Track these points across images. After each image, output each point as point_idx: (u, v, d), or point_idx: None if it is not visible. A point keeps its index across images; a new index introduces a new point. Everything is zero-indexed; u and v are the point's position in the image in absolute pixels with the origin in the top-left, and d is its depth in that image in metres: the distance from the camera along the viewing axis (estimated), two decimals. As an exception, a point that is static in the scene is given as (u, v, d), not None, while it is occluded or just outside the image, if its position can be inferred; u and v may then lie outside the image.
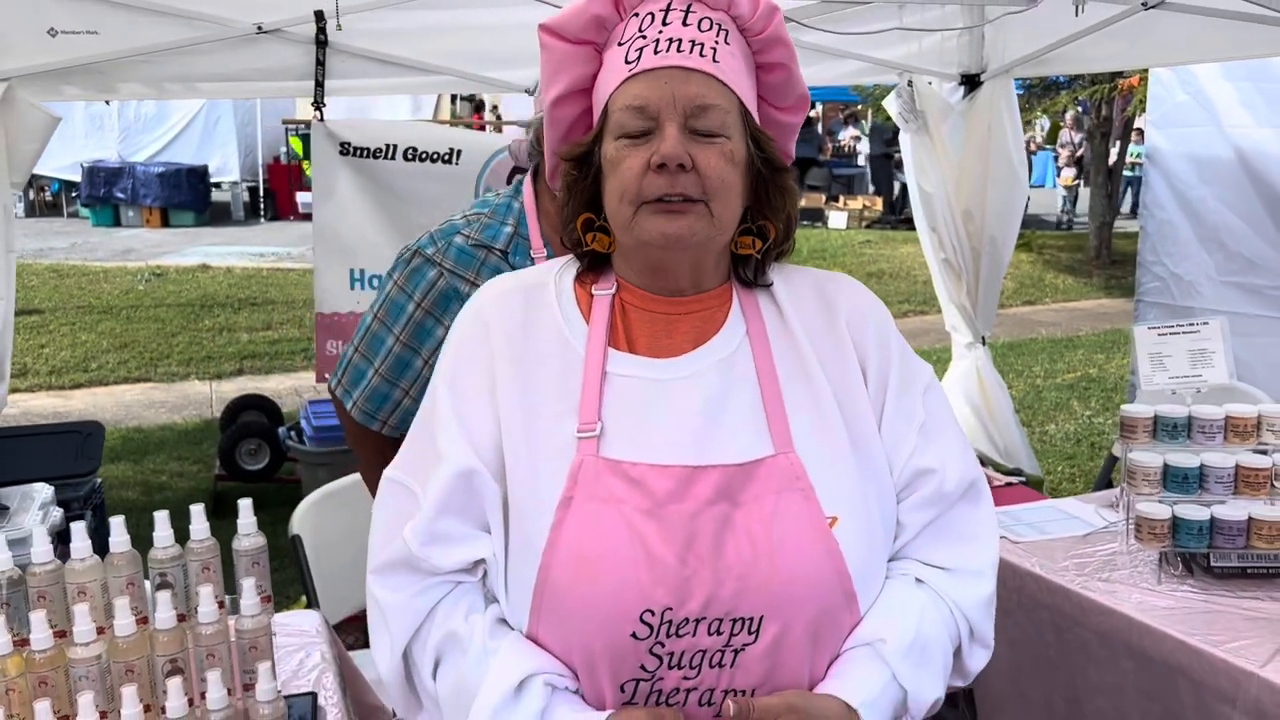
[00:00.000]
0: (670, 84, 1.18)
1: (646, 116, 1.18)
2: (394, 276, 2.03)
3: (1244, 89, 4.74)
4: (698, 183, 1.18)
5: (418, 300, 1.98)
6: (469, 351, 1.28)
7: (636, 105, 1.19)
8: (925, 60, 4.62)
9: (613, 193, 1.22)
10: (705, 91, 1.18)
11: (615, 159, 1.20)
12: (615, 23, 1.25)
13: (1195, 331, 2.58)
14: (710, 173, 1.18)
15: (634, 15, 1.24)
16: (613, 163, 1.21)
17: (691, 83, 1.18)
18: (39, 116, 3.45)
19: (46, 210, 16.41)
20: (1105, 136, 13.43)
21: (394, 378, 2.03)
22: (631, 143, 1.19)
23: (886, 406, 1.27)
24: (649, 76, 1.19)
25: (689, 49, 1.19)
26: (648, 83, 1.19)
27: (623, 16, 1.25)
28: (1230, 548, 2.17)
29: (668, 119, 1.18)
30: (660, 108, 1.18)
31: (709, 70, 1.19)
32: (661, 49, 1.19)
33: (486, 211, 2.03)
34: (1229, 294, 4.84)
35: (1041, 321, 10.19)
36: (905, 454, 1.26)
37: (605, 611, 1.13)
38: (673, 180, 1.17)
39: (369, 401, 2.06)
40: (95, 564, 1.48)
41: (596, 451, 1.18)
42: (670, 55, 1.19)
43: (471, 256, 1.97)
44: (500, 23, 3.98)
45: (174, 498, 5.18)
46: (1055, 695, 2.26)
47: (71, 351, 8.44)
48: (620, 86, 1.21)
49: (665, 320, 1.27)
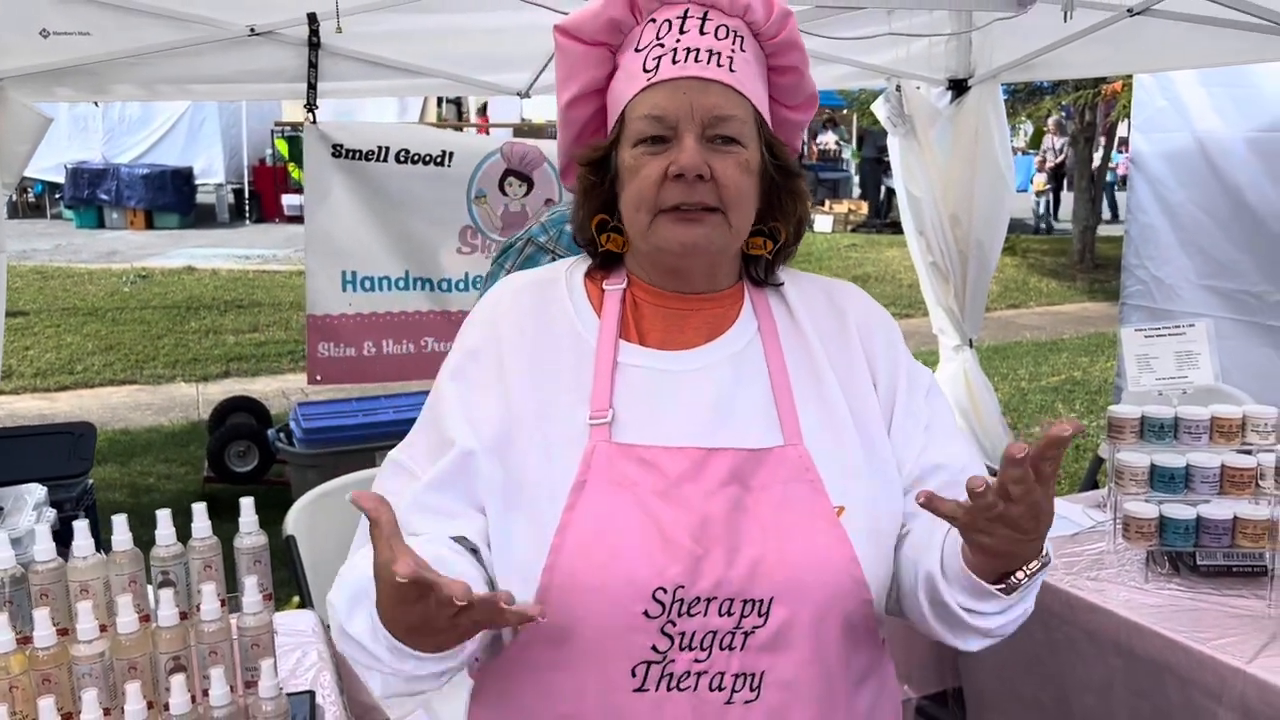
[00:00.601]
0: (689, 94, 1.20)
1: (665, 126, 1.20)
2: (505, 265, 2.01)
3: (1215, 94, 4.80)
4: (715, 192, 1.20)
5: None
6: (478, 346, 1.29)
7: (655, 115, 1.20)
8: (913, 65, 4.65)
9: (630, 200, 1.23)
10: (723, 102, 1.20)
11: (633, 166, 1.22)
12: (631, 26, 1.26)
13: (1181, 334, 2.62)
14: (728, 182, 1.20)
15: (651, 21, 1.25)
16: (630, 170, 1.23)
17: (710, 93, 1.20)
18: (31, 117, 3.45)
19: (30, 212, 16.32)
20: (1089, 141, 13.54)
21: None
22: (649, 151, 1.21)
23: (896, 410, 1.29)
24: (667, 86, 1.21)
25: (707, 59, 1.21)
26: (666, 93, 1.20)
27: (639, 20, 1.26)
28: (1216, 546, 2.20)
29: (686, 129, 1.19)
30: (679, 118, 1.19)
31: (727, 81, 1.21)
32: (680, 59, 1.21)
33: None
34: (1206, 297, 4.91)
35: (1026, 325, 10.26)
36: (915, 452, 1.28)
37: (618, 588, 1.14)
38: (690, 190, 1.19)
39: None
40: (98, 562, 1.49)
41: (608, 437, 1.20)
42: (689, 65, 1.20)
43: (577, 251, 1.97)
44: (492, 26, 4.00)
45: (162, 500, 5.16)
46: (1044, 693, 2.28)
47: (57, 354, 8.40)
48: (638, 95, 1.22)
49: (677, 315, 1.29)
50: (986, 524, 1.06)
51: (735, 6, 1.24)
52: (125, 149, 15.60)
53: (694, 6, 1.24)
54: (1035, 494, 1.04)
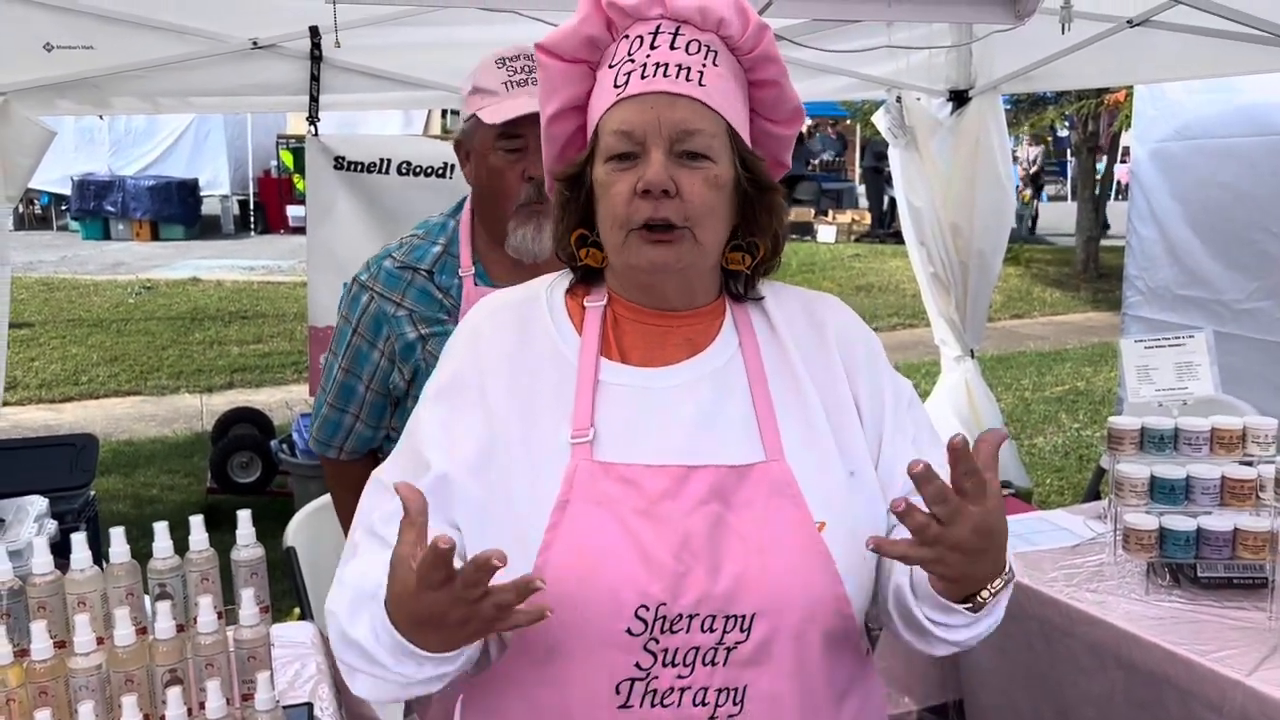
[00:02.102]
0: (656, 109, 1.20)
1: (633, 141, 1.20)
2: (340, 308, 2.10)
3: (1199, 102, 4.84)
4: (681, 209, 1.20)
5: (354, 327, 2.04)
6: (459, 368, 1.30)
7: (624, 130, 1.21)
8: (914, 76, 4.67)
9: (604, 217, 1.24)
10: (691, 116, 1.20)
11: (605, 183, 1.23)
12: (607, 43, 1.27)
13: (1181, 345, 2.62)
14: (694, 199, 1.20)
15: (625, 37, 1.25)
16: (602, 186, 1.23)
17: (677, 108, 1.20)
18: (34, 131, 3.47)
19: (36, 223, 16.38)
20: (1092, 152, 13.54)
21: (342, 405, 2.09)
22: (619, 167, 1.21)
23: (886, 427, 1.29)
24: (635, 102, 1.21)
25: (675, 73, 1.21)
26: (634, 108, 1.20)
27: (614, 37, 1.26)
28: (1217, 558, 2.20)
29: (653, 144, 1.20)
30: (646, 133, 1.20)
31: (695, 95, 1.20)
32: (649, 74, 1.21)
33: (420, 232, 2.09)
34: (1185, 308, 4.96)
35: (1029, 335, 10.25)
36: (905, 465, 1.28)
37: (601, 607, 1.14)
38: (657, 206, 1.19)
39: (322, 430, 2.13)
40: (95, 574, 1.49)
41: (590, 456, 1.20)
42: (657, 80, 1.20)
43: (397, 278, 2.01)
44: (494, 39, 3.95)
45: (165, 511, 5.14)
46: (1044, 705, 2.28)
47: (62, 365, 8.43)
48: (608, 111, 1.23)
49: (658, 332, 1.29)
50: (935, 553, 1.08)
51: (709, 21, 1.24)
52: (131, 161, 15.67)
53: (666, 22, 1.24)
54: (968, 514, 1.06)
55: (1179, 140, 4.96)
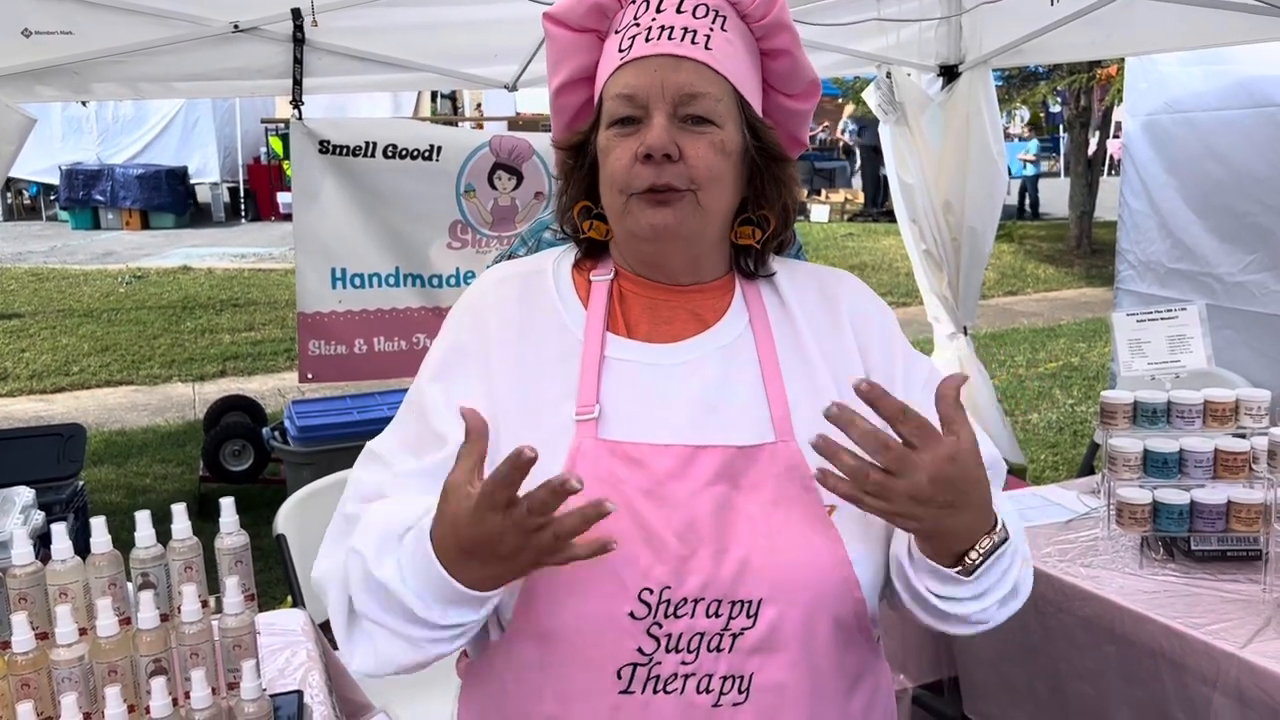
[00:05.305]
0: (659, 72, 1.17)
1: (636, 105, 1.17)
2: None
3: (1191, 74, 4.82)
4: (685, 173, 1.16)
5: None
6: (463, 339, 1.27)
7: (626, 94, 1.18)
8: (903, 52, 4.63)
9: (605, 183, 1.21)
10: (695, 79, 1.17)
11: (606, 148, 1.20)
12: (615, 10, 1.24)
13: (1173, 318, 2.60)
14: (698, 163, 1.16)
15: (631, 2, 1.23)
16: (604, 152, 1.20)
17: (681, 70, 1.17)
18: (14, 118, 3.43)
19: (24, 214, 16.30)
20: (1084, 126, 13.51)
21: None
22: (622, 132, 1.18)
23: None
24: (639, 65, 1.18)
25: (680, 36, 1.18)
26: (637, 71, 1.18)
27: (622, 4, 1.24)
28: (1210, 531, 2.19)
29: (656, 108, 1.17)
30: (649, 96, 1.17)
31: (700, 58, 1.18)
32: (653, 37, 1.18)
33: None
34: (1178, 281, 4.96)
35: (1023, 311, 10.25)
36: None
37: (603, 589, 1.12)
38: (659, 171, 1.16)
39: None
40: (76, 565, 1.48)
41: (595, 434, 1.17)
42: (661, 43, 1.18)
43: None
44: (479, 19, 3.97)
45: (158, 500, 5.15)
46: (1038, 680, 2.27)
47: (52, 355, 8.39)
48: (612, 75, 1.20)
49: (666, 307, 1.26)
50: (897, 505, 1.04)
51: None
52: (120, 149, 15.56)
53: None
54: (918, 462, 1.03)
55: (1170, 113, 4.94)
